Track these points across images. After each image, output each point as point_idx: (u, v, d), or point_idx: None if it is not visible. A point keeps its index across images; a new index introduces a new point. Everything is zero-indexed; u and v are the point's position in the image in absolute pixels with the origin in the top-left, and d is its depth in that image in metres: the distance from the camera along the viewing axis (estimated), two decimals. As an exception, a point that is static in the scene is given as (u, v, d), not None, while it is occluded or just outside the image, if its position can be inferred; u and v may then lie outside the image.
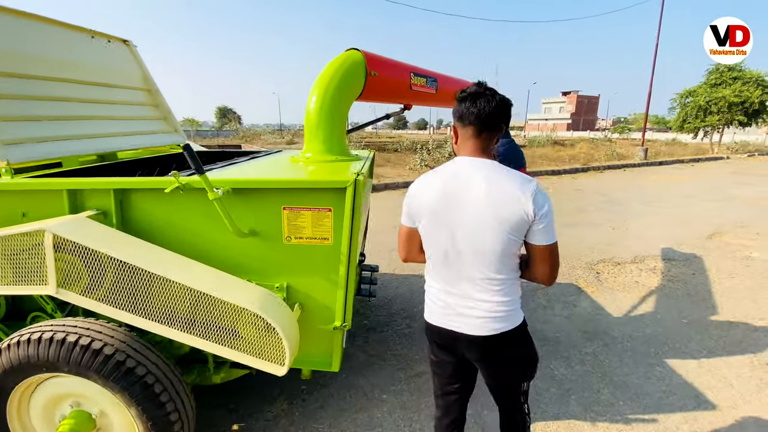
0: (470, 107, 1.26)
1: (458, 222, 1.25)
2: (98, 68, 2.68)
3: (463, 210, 1.24)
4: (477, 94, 1.26)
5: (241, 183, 1.68)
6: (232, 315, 1.53)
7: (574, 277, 4.08)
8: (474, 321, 1.30)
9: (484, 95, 1.26)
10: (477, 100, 1.26)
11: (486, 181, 1.23)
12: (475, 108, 1.25)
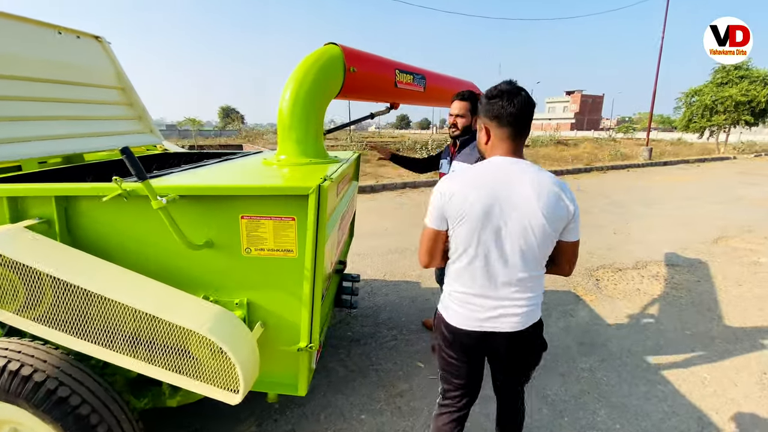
0: (508, 107, 1.25)
1: (508, 222, 1.25)
2: (66, 66, 2.54)
3: (515, 210, 1.24)
4: (513, 93, 1.26)
5: (190, 190, 1.52)
6: (180, 337, 1.38)
7: (573, 284, 3.89)
8: (515, 318, 1.33)
9: (521, 94, 1.26)
10: (514, 99, 1.25)
11: (532, 182, 1.24)
12: (514, 108, 1.25)
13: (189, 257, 1.61)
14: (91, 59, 2.76)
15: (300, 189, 1.49)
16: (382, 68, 2.56)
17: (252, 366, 1.49)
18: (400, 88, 2.72)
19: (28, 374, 1.29)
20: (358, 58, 2.37)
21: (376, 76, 2.52)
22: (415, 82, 2.87)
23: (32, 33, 2.34)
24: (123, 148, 1.32)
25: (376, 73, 2.52)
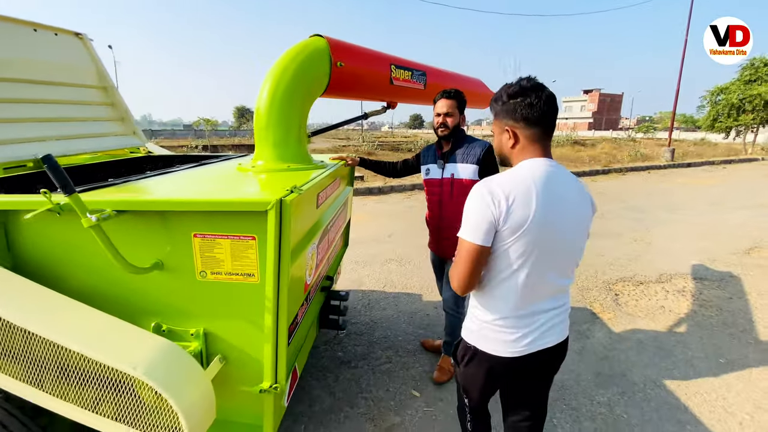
0: (537, 104, 1.16)
1: (563, 229, 1.19)
2: (41, 64, 2.36)
3: (569, 215, 1.20)
4: (539, 88, 1.18)
5: (130, 204, 1.30)
6: (114, 377, 1.16)
7: (589, 300, 3.57)
8: (562, 326, 1.30)
9: (546, 90, 1.18)
10: (542, 96, 1.17)
11: (572, 183, 1.22)
12: (544, 104, 1.17)
13: (138, 281, 1.39)
14: (69, 57, 2.59)
15: (258, 203, 1.25)
16: (375, 63, 2.31)
17: (203, 411, 1.26)
18: (396, 85, 2.47)
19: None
20: (347, 51, 2.13)
21: (367, 71, 2.27)
22: (414, 78, 2.61)
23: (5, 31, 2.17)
24: (45, 156, 1.10)
25: (368, 69, 2.27)
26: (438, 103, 2.17)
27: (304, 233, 1.58)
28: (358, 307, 3.38)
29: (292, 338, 1.61)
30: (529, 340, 1.24)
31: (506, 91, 1.21)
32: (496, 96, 1.25)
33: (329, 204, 2.07)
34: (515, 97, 1.19)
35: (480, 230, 1.15)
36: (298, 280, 1.54)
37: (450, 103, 2.17)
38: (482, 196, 1.15)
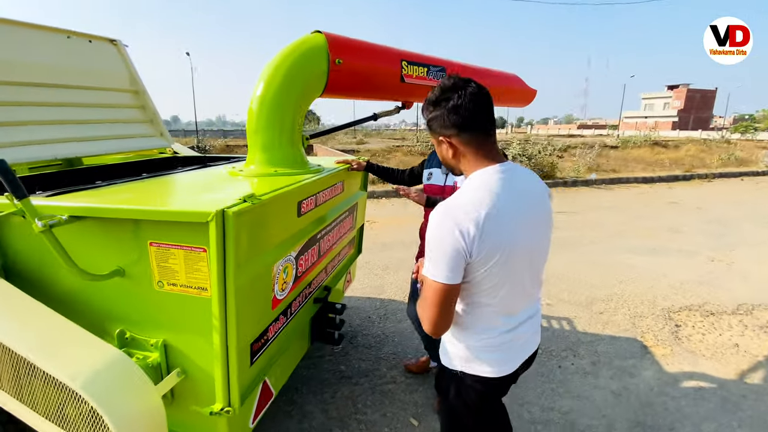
0: (468, 105, 1.04)
1: (533, 235, 1.10)
2: (74, 70, 2.53)
3: (536, 219, 1.11)
4: (462, 86, 1.05)
5: (85, 211, 1.26)
6: (57, 387, 1.13)
7: (640, 330, 3.06)
8: (537, 334, 1.27)
9: (469, 88, 1.06)
10: (467, 95, 1.04)
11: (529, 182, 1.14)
12: (474, 104, 1.05)
13: (103, 288, 1.37)
14: (103, 63, 2.74)
15: (198, 215, 1.15)
16: (382, 59, 2.14)
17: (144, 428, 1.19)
18: (408, 83, 2.26)
19: None
20: (348, 47, 1.98)
21: (372, 69, 2.10)
22: (431, 75, 2.39)
23: (40, 39, 2.35)
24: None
25: (373, 66, 2.10)
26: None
27: (270, 245, 1.46)
28: (372, 317, 3.23)
29: (259, 356, 1.50)
30: (514, 355, 1.18)
31: (428, 99, 1.10)
32: (423, 106, 1.14)
33: (323, 211, 1.94)
34: (438, 102, 1.07)
35: (449, 268, 0.99)
36: (261, 295, 1.42)
37: None
38: (446, 227, 0.99)
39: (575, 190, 9.65)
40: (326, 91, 2.00)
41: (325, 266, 2.13)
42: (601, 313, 3.33)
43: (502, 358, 1.16)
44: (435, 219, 1.02)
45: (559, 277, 4.09)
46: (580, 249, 5.02)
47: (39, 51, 2.33)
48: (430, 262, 1.03)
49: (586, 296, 3.66)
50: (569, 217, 6.75)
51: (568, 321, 3.21)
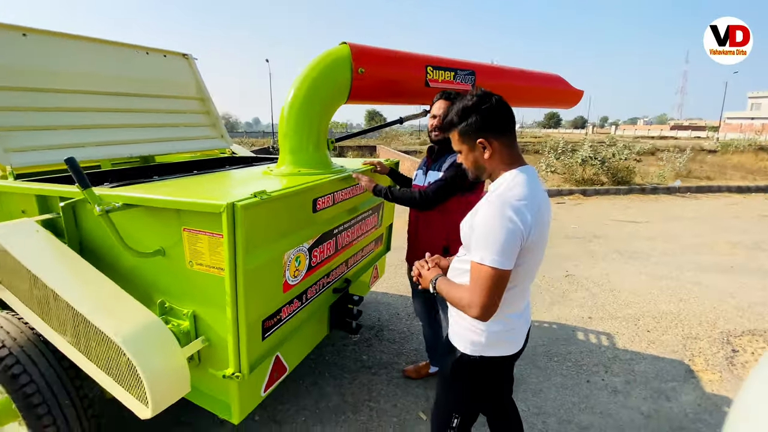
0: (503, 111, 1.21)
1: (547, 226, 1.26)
2: (150, 81, 2.99)
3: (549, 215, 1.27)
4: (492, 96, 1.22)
5: (133, 200, 1.55)
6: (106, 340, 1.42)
7: (690, 352, 2.78)
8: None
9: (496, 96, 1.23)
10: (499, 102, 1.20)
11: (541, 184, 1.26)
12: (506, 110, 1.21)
13: (150, 264, 1.67)
14: (175, 74, 3.20)
15: (213, 206, 1.37)
16: (405, 66, 2.24)
17: (170, 382, 1.44)
18: (433, 87, 2.34)
19: (-5, 348, 1.51)
20: (370, 57, 2.12)
21: (394, 75, 2.22)
22: (458, 79, 2.44)
23: (123, 55, 2.83)
24: (67, 158, 1.41)
25: (395, 73, 2.22)
26: (436, 104, 2.03)
27: (281, 235, 1.64)
28: (401, 314, 3.33)
29: (271, 333, 1.70)
30: (522, 333, 1.34)
31: (464, 106, 1.21)
32: (455, 113, 1.23)
33: (341, 209, 2.10)
34: (476, 108, 1.19)
35: (510, 254, 1.10)
36: (271, 279, 1.62)
37: (448, 105, 1.98)
38: (509, 219, 1.09)
39: (653, 198, 8.78)
40: (351, 98, 2.16)
41: (346, 260, 2.29)
42: (648, 331, 3.08)
43: (516, 338, 1.31)
44: (494, 210, 1.11)
45: (610, 290, 3.83)
46: (645, 261, 4.62)
47: (122, 65, 2.81)
48: (488, 250, 1.10)
49: (635, 311, 3.39)
50: (638, 227, 6.20)
51: (607, 336, 3.02)
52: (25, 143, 2.12)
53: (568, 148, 11.81)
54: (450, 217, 2.00)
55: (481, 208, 1.18)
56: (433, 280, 1.30)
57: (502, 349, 1.29)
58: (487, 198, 1.20)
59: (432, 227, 2.09)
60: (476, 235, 1.14)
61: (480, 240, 1.12)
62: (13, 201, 2.04)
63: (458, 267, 1.35)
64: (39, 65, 2.29)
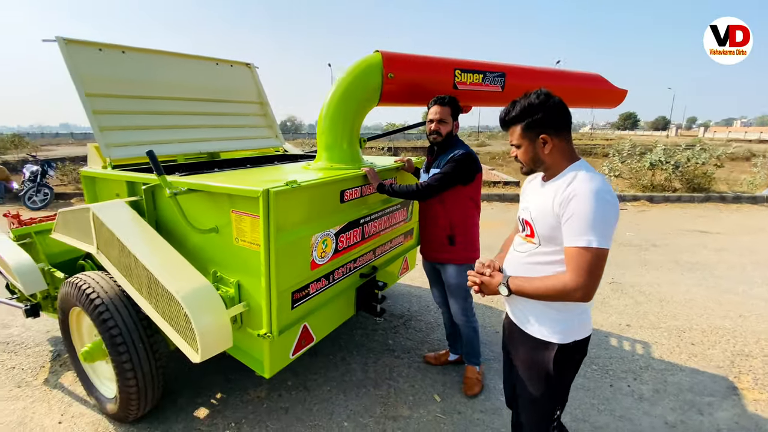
0: (565, 110, 1.30)
1: None
2: (219, 88, 3.46)
3: None
4: (554, 96, 1.31)
5: (193, 185, 1.90)
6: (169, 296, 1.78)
7: (738, 369, 2.59)
8: None
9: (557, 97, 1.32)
10: (562, 103, 1.31)
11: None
12: (567, 110, 1.31)
13: (207, 240, 2.02)
14: (238, 81, 3.65)
15: (252, 192, 1.66)
16: (433, 70, 2.40)
17: (216, 336, 1.76)
18: (462, 90, 2.47)
19: (93, 297, 1.94)
20: (400, 62, 2.31)
21: (422, 79, 2.38)
22: (487, 81, 2.54)
23: (196, 66, 3.31)
24: (147, 151, 1.79)
25: (423, 76, 2.38)
26: (431, 110, 2.20)
27: (309, 220, 1.90)
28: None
29: (300, 304, 1.97)
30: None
31: (530, 103, 1.30)
32: (521, 108, 1.31)
33: (368, 201, 2.32)
34: (543, 106, 1.28)
35: (611, 235, 1.19)
36: (299, 256, 1.88)
37: (444, 110, 2.19)
38: (608, 202, 1.18)
39: (734, 208, 7.90)
40: (382, 101, 2.37)
41: (374, 248, 2.50)
42: (692, 344, 2.90)
43: (590, 317, 1.37)
44: (597, 197, 1.17)
45: (658, 300, 3.63)
46: (706, 274, 4.27)
47: (196, 75, 3.29)
48: (594, 233, 1.15)
49: (681, 323, 3.20)
50: (706, 237, 5.68)
51: (643, 345, 2.90)
52: (121, 140, 2.62)
53: (635, 151, 10.97)
54: (452, 211, 2.22)
55: (573, 200, 1.20)
56: (505, 283, 1.33)
57: (585, 329, 1.34)
58: (567, 188, 1.23)
59: (437, 221, 2.27)
60: (575, 223, 1.18)
61: (582, 226, 1.17)
62: (110, 186, 2.55)
63: (528, 261, 1.37)
64: (133, 76, 2.81)
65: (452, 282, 2.31)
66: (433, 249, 2.35)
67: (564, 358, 1.33)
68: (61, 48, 2.49)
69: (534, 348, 1.37)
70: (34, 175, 8.24)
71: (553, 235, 1.27)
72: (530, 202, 1.39)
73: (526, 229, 1.40)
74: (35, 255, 2.72)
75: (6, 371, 2.57)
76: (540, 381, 1.39)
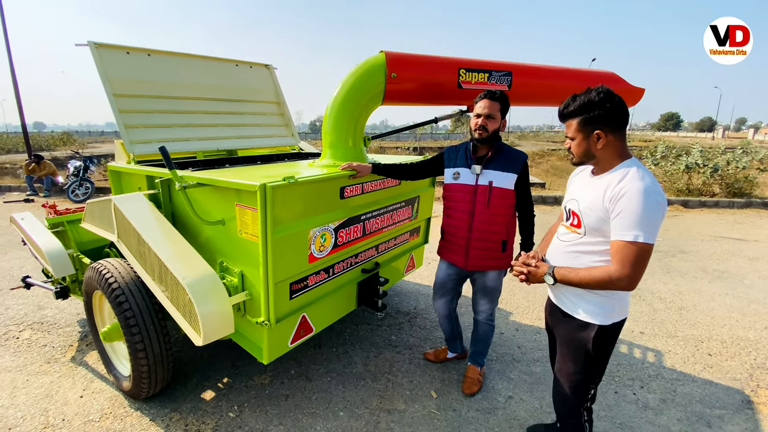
0: (626, 110, 1.36)
1: None
2: (238, 88, 3.61)
3: None
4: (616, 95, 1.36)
5: (201, 180, 2.02)
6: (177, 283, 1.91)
7: (755, 382, 2.46)
8: None
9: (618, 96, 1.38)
10: (623, 102, 1.35)
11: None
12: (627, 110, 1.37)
13: (214, 231, 2.14)
14: (257, 82, 3.79)
15: (251, 187, 1.75)
16: (436, 70, 2.42)
17: (218, 321, 1.87)
18: (466, 89, 2.48)
19: (111, 282, 2.10)
20: (403, 62, 2.35)
21: (425, 78, 2.41)
22: (493, 80, 2.54)
23: (217, 67, 3.48)
24: (160, 147, 1.92)
25: (426, 76, 2.41)
26: (479, 104, 2.08)
27: (306, 214, 1.98)
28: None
29: (298, 295, 2.05)
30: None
31: (590, 100, 1.35)
32: (582, 103, 1.37)
33: (370, 198, 2.38)
34: (605, 103, 1.33)
35: (657, 231, 1.29)
36: (297, 249, 1.95)
37: (492, 105, 2.06)
38: (658, 201, 1.27)
39: (776, 214, 7.40)
40: (386, 100, 2.42)
41: (376, 245, 2.55)
42: (709, 355, 2.77)
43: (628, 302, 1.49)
44: (647, 195, 1.25)
45: (678, 308, 3.48)
46: (735, 283, 4.05)
47: (215, 75, 3.45)
48: (642, 228, 1.25)
49: (700, 333, 3.05)
50: (741, 245, 5.37)
51: (655, 353, 2.80)
52: (145, 137, 2.80)
53: (670, 153, 10.44)
54: (507, 216, 2.16)
55: (624, 197, 1.27)
56: (550, 273, 1.45)
57: (624, 312, 1.47)
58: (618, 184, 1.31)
59: (491, 227, 2.14)
60: (624, 219, 1.27)
61: (631, 222, 1.26)
62: (133, 180, 2.73)
63: (571, 250, 1.48)
64: (157, 78, 2.99)
65: (491, 285, 2.26)
66: (481, 256, 2.18)
67: (603, 337, 1.45)
68: (92, 51, 2.70)
69: (576, 328, 1.49)
70: (78, 170, 8.85)
71: (600, 227, 1.36)
72: (578, 194, 1.48)
73: (572, 219, 1.49)
74: (66, 242, 2.96)
75: (38, 348, 2.81)
76: (579, 358, 1.51)
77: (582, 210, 1.42)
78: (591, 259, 1.42)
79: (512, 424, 2.13)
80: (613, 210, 1.30)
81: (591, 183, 1.44)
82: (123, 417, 2.18)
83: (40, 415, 2.18)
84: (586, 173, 1.53)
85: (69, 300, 3.48)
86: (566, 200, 1.58)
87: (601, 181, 1.39)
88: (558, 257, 1.53)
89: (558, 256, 1.53)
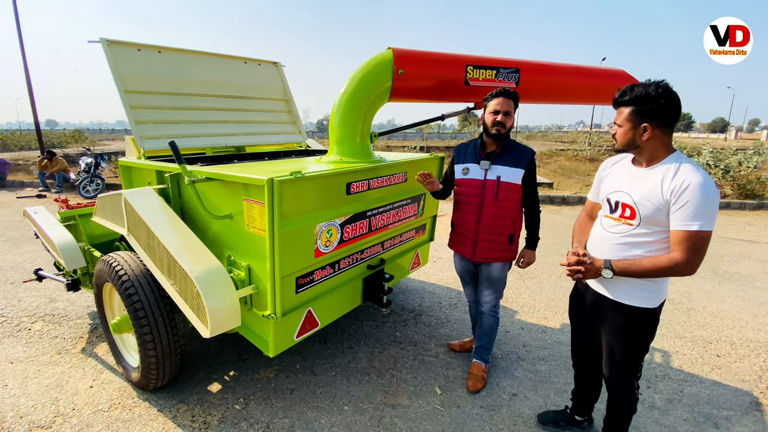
0: (680, 108, 1.40)
1: None
2: (246, 86, 3.64)
3: None
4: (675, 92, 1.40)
5: (210, 174, 2.04)
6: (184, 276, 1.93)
7: (763, 384, 2.42)
8: None
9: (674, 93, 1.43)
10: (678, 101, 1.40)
11: None
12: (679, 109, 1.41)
13: (222, 225, 2.17)
14: (265, 79, 3.82)
15: (258, 181, 1.77)
16: (444, 67, 2.42)
17: (225, 314, 1.89)
18: (474, 86, 2.48)
19: (121, 274, 2.14)
20: (410, 59, 2.35)
21: (433, 75, 2.41)
22: (500, 77, 2.53)
23: (226, 64, 3.51)
24: (170, 141, 1.95)
25: (434, 73, 2.41)
26: (496, 101, 2.14)
27: (313, 209, 1.99)
28: (443, 303, 3.48)
29: (304, 289, 2.07)
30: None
31: (647, 93, 1.38)
32: (636, 96, 1.40)
33: (376, 195, 2.39)
34: (654, 100, 1.38)
35: (715, 218, 1.36)
36: (303, 244, 1.97)
37: (508, 102, 2.14)
38: (714, 191, 1.35)
39: (788, 216, 7.27)
40: (393, 97, 2.43)
41: (382, 241, 2.56)
42: (718, 356, 2.74)
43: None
44: (706, 185, 1.33)
45: (686, 309, 3.44)
46: (746, 285, 4.00)
47: (224, 73, 3.48)
48: (704, 217, 1.33)
49: (709, 334, 3.02)
50: (752, 247, 5.29)
51: (663, 354, 2.77)
52: (155, 133, 2.84)
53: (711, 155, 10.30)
54: (515, 209, 2.21)
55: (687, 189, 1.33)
56: (608, 267, 1.49)
57: (666, 293, 1.58)
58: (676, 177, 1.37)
59: (500, 220, 2.21)
60: (688, 209, 1.33)
61: (695, 212, 1.33)
62: (143, 175, 2.77)
63: (622, 241, 1.52)
64: (167, 74, 3.03)
65: (496, 276, 2.32)
66: (488, 249, 2.25)
67: (654, 317, 1.56)
68: (104, 48, 2.74)
69: (631, 315, 1.56)
70: (89, 166, 8.98)
71: (657, 217, 1.42)
72: (626, 186, 1.52)
73: (622, 211, 1.53)
74: (77, 235, 3.01)
75: (50, 339, 2.87)
76: (636, 341, 1.59)
77: (637, 201, 1.46)
78: (641, 249, 1.47)
79: (516, 421, 2.13)
80: (676, 202, 1.35)
81: (640, 175, 1.48)
82: (131, 407, 2.21)
83: (50, 405, 2.22)
84: (623, 165, 1.59)
85: (80, 292, 3.55)
86: (608, 192, 1.60)
87: (652, 173, 1.44)
88: (605, 250, 1.56)
89: (606, 249, 1.56)
